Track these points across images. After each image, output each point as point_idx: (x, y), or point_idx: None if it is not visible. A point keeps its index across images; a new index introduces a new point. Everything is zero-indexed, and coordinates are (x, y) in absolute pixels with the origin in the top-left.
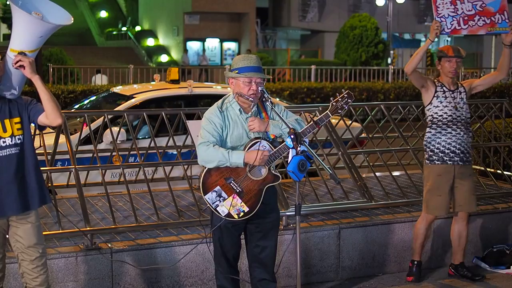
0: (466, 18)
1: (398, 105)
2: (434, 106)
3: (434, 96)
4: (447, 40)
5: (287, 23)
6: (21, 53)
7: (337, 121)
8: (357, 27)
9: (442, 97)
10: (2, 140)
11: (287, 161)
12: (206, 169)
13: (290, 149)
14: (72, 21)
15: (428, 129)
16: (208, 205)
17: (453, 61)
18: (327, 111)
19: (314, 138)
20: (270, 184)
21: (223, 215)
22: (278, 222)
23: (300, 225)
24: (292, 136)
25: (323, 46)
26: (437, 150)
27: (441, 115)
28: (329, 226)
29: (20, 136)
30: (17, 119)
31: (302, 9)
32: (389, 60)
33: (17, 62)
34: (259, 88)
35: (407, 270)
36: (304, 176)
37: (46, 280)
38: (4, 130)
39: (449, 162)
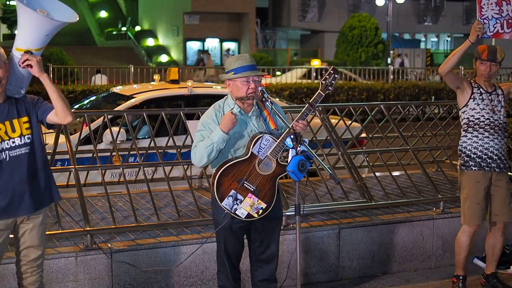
0: (510, 21)
1: (398, 105)
2: (470, 109)
3: (470, 98)
4: (447, 41)
5: (287, 23)
6: (27, 52)
7: (337, 121)
8: (357, 27)
9: (479, 99)
10: (11, 140)
11: (287, 161)
12: (217, 178)
13: (290, 149)
14: (78, 19)
15: (463, 133)
16: (227, 211)
17: (487, 65)
18: (319, 90)
19: (314, 138)
20: (281, 175)
21: (243, 217)
22: (281, 222)
23: (300, 225)
24: (292, 136)
25: (323, 46)
26: (474, 156)
27: (478, 118)
28: (329, 226)
29: (29, 135)
30: (25, 119)
31: (302, 9)
32: (388, 60)
33: (24, 61)
34: (259, 88)
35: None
36: (304, 176)
37: (37, 281)
38: (13, 130)
39: (486, 169)
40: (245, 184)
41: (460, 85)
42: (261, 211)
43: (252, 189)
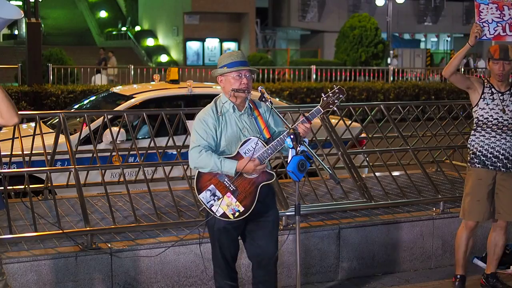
0: None
1: (398, 105)
2: (480, 108)
3: (480, 98)
4: (447, 41)
5: (286, 23)
6: None
7: (337, 121)
8: (357, 27)
9: (489, 99)
10: None
11: (287, 161)
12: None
13: (290, 149)
14: (23, 15)
15: (472, 132)
16: (203, 204)
17: (500, 63)
18: (318, 106)
19: (314, 138)
20: (264, 183)
21: (218, 215)
22: (278, 222)
23: (300, 225)
24: (291, 136)
25: (322, 46)
26: (479, 153)
27: (487, 118)
28: (329, 226)
29: None
30: None
31: (302, 9)
32: (388, 60)
33: None
34: (259, 88)
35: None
36: (304, 176)
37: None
38: None
39: (490, 167)
40: (225, 182)
41: (470, 85)
42: (237, 213)
43: (232, 189)
